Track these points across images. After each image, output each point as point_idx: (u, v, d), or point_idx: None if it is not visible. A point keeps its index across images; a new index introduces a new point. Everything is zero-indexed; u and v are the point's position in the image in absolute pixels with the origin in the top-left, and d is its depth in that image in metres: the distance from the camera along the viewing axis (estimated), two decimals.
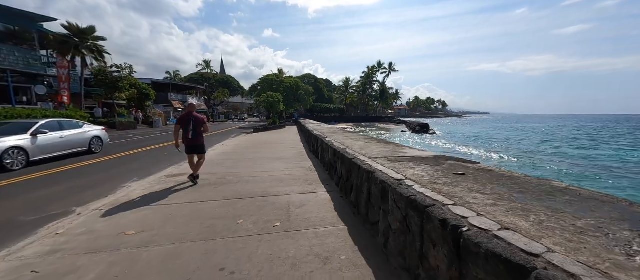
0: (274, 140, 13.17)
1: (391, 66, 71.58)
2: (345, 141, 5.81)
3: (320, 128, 11.45)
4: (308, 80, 60.54)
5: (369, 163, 3.20)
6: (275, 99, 23.95)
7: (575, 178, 11.75)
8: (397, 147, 4.61)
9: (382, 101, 75.19)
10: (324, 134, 7.97)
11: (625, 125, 60.41)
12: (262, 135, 16.26)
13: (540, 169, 13.80)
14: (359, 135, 7.23)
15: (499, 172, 2.61)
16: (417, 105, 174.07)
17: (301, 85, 34.11)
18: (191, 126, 4.61)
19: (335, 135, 7.28)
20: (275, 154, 8.19)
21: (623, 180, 11.37)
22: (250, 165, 6.46)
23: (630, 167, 14.12)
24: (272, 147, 10.19)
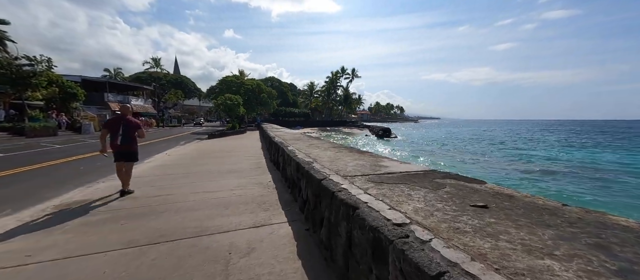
0: (230, 147, 11.60)
1: (354, 72, 73.60)
2: (311, 151, 4.83)
3: (283, 133, 10.32)
4: (272, 83, 58.69)
5: (345, 187, 2.25)
6: (234, 102, 21.96)
7: (524, 179, 12.61)
8: (375, 159, 3.78)
9: (346, 106, 76.69)
10: (286, 140, 6.89)
11: (551, 129, 71.49)
12: (218, 142, 14.42)
13: (499, 170, 14.65)
14: (326, 142, 6.32)
15: (526, 200, 1.88)
16: (378, 110, 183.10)
17: (264, 87, 32.42)
18: (121, 131, 4.16)
19: (299, 143, 6.27)
20: (228, 166, 6.82)
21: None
22: (191, 183, 5.05)
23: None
24: (226, 156, 8.73)
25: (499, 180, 11.98)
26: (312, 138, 7.85)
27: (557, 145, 28.04)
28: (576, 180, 12.27)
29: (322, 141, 6.75)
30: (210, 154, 9.35)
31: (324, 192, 2.44)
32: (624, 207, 8.58)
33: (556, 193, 10.01)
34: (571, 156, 20.18)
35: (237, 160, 7.92)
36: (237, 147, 11.58)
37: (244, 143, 13.79)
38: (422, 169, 3.04)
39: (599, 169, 14.85)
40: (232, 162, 7.58)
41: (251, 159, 8.17)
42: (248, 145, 12.41)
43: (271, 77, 65.72)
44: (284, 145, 5.72)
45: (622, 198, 9.45)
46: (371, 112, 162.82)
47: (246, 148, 11.31)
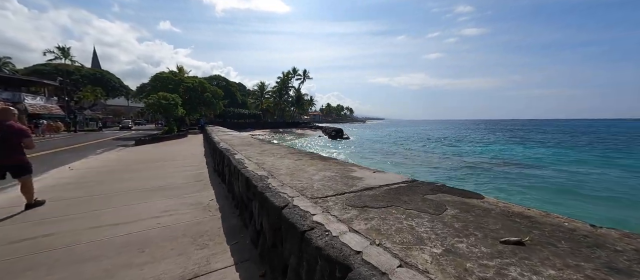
0: (164, 156, 9.69)
1: (305, 73, 73.71)
2: (264, 159, 3.97)
3: (230, 137, 9.02)
4: (218, 82, 54.27)
5: (320, 221, 1.54)
6: (171, 101, 18.98)
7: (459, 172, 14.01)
8: (343, 168, 3.18)
9: (298, 107, 76.26)
10: (233, 146, 5.80)
11: (472, 128, 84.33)
12: (148, 150, 12.05)
13: (448, 167, 15.95)
14: (282, 147, 5.50)
15: (553, 222, 1.47)
16: (329, 111, 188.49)
17: (208, 86, 29.34)
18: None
19: (249, 149, 5.29)
20: (157, 182, 5.38)
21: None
22: (93, 213, 3.63)
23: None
24: (157, 168, 7.07)
25: (450, 176, 12.96)
26: (264, 142, 6.91)
27: (482, 142, 32.80)
28: (503, 173, 14.14)
29: (276, 146, 5.90)
30: (134, 166, 7.49)
31: (287, 228, 1.68)
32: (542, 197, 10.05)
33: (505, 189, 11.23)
34: (494, 150, 23.71)
35: (171, 172, 6.42)
36: (172, 155, 9.73)
37: (182, 149, 11.81)
38: (402, 179, 2.54)
39: (517, 163, 17.57)
40: (164, 175, 6.09)
41: (190, 169, 6.76)
42: (187, 152, 10.61)
43: (217, 76, 60.73)
44: (231, 153, 4.69)
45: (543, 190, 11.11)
46: (323, 113, 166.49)
47: (184, 156, 9.59)
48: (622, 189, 10.70)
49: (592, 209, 8.39)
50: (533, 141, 32.75)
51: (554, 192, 10.28)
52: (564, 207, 8.45)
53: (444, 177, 12.57)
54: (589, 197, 9.52)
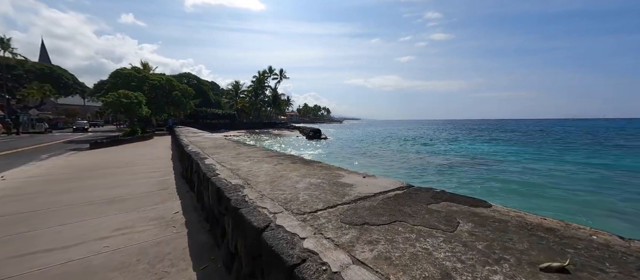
0: (124, 160, 8.65)
1: (282, 73, 72.58)
2: (240, 164, 3.52)
3: (200, 139, 8.28)
4: (188, 80, 51.31)
5: (312, 248, 1.21)
6: (132, 100, 17.26)
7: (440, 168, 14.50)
8: (330, 172, 2.86)
9: (275, 107, 74.87)
10: (204, 149, 5.22)
11: (447, 126, 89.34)
12: (106, 154, 10.76)
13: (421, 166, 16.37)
14: (260, 150, 5.05)
15: (581, 235, 1.29)
16: (307, 111, 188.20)
17: (176, 84, 27.41)
18: None
19: (222, 153, 4.77)
20: (111, 192, 4.63)
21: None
22: (27, 232, 2.92)
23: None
24: (114, 175, 6.19)
25: (436, 174, 13.24)
26: (239, 144, 6.37)
27: (453, 141, 34.63)
28: (474, 169, 14.86)
29: (253, 148, 5.42)
30: (85, 174, 6.51)
31: (270, 259, 1.31)
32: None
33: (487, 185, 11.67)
34: (464, 148, 25.08)
35: (129, 180, 5.63)
36: (134, 160, 8.72)
37: (146, 153, 10.72)
38: (397, 185, 2.29)
39: (488, 159, 18.64)
40: (121, 183, 5.31)
41: (153, 176, 6.00)
42: (152, 156, 9.62)
43: (187, 73, 57.39)
44: (200, 157, 4.15)
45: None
46: (300, 114, 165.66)
47: (148, 160, 8.64)
48: (570, 183, 11.76)
49: (554, 205, 9.04)
50: (499, 140, 35.34)
51: (526, 186, 11.01)
52: (543, 202, 9.01)
53: (430, 176, 12.80)
54: (550, 192, 10.29)
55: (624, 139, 34.52)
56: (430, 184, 10.84)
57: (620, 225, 7.10)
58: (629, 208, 8.27)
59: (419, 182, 11.33)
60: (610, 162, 16.90)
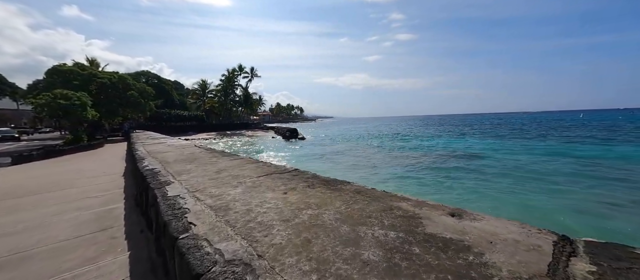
0: (55, 180, 6.58)
1: (253, 71, 69.56)
2: (226, 195, 2.21)
3: (162, 147, 6.57)
4: (147, 78, 46.38)
5: None
6: (73, 100, 14.23)
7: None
8: (392, 209, 1.72)
9: (247, 107, 71.52)
10: (167, 164, 3.75)
11: (416, 122, 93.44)
12: (33, 171, 8.36)
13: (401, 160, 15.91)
14: (248, 163, 3.71)
15: None
16: (280, 111, 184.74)
17: (133, 82, 24.02)
18: None
19: (195, 170, 3.36)
20: (11, 240, 2.97)
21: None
22: None
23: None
24: (29, 207, 4.35)
25: (433, 174, 12.64)
26: (216, 153, 4.92)
27: (427, 136, 35.63)
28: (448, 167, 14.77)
29: (237, 159, 4.05)
30: None
31: None
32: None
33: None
34: (442, 143, 25.62)
35: (53, 213, 3.90)
36: (70, 179, 6.69)
37: (90, 168, 8.56)
38: (531, 238, 1.24)
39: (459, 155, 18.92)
40: (36, 222, 3.59)
41: (91, 205, 4.31)
42: (96, 172, 7.60)
43: (146, 72, 51.91)
44: (160, 180, 2.74)
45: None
46: (273, 113, 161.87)
47: (90, 178, 6.70)
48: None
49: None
50: (467, 134, 37.16)
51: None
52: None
53: (430, 177, 12.05)
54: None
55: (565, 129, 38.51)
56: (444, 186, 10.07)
57: None
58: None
59: (425, 185, 10.67)
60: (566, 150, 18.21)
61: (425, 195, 8.94)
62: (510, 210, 7.78)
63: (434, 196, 9.00)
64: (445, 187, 10.39)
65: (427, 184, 10.90)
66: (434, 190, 10.05)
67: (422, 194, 9.27)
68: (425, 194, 9.29)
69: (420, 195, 9.20)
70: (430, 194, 9.50)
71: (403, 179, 11.71)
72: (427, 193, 9.57)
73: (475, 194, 9.33)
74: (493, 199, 8.79)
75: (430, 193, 9.62)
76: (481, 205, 8.27)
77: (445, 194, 9.47)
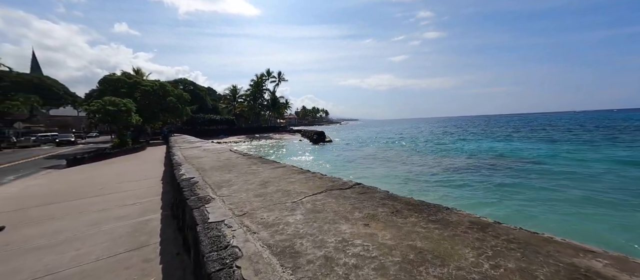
0: (100, 183, 6.72)
1: (280, 75, 70.86)
2: (281, 222, 1.65)
3: (198, 152, 6.39)
4: (184, 86, 49.36)
5: None
6: (120, 107, 15.28)
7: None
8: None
9: (274, 110, 73.03)
10: (204, 173, 3.36)
11: (448, 124, 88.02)
12: (80, 174, 8.81)
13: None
14: (294, 172, 3.17)
15: None
16: (305, 114, 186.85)
17: (171, 89, 25.47)
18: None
19: (235, 181, 2.91)
20: (41, 260, 2.73)
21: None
22: None
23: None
24: (70, 214, 4.27)
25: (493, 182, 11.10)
26: (254, 160, 4.50)
27: (464, 139, 33.01)
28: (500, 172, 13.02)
29: (280, 167, 3.54)
30: (31, 213, 4.60)
31: None
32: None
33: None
34: (483, 147, 23.32)
35: (91, 223, 3.73)
36: (112, 183, 6.80)
37: (132, 171, 8.80)
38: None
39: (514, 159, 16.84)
40: (73, 234, 3.40)
41: (129, 214, 4.10)
42: (137, 175, 7.71)
43: (183, 79, 55.44)
44: (198, 196, 2.29)
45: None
46: (298, 117, 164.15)
47: (131, 182, 6.74)
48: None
49: None
50: (513, 137, 33.66)
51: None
52: None
53: (489, 188, 10.22)
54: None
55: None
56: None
57: None
58: None
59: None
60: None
61: (501, 213, 7.48)
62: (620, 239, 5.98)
63: (512, 217, 7.26)
64: (518, 203, 8.34)
65: (491, 198, 8.96)
66: (509, 208, 7.98)
67: (499, 214, 7.47)
68: (500, 213, 7.58)
69: (498, 216, 7.36)
70: (503, 210, 7.70)
71: (459, 189, 10.06)
72: (500, 211, 7.79)
73: (563, 214, 7.43)
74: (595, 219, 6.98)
75: (502, 210, 7.83)
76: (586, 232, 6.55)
77: (524, 213, 7.71)
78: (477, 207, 7.98)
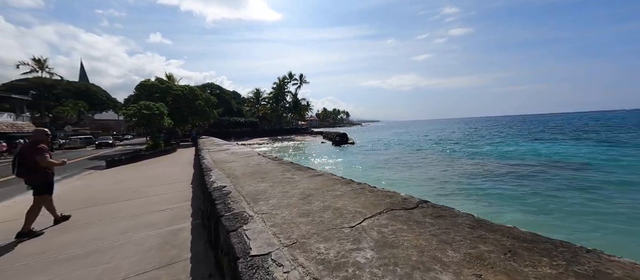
0: (134, 186, 6.84)
1: (302, 78, 71.39)
2: (344, 257, 1.23)
3: (226, 156, 6.25)
4: (211, 90, 51.47)
5: None
6: (154, 111, 16.05)
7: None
8: None
9: (296, 112, 73.68)
10: (236, 180, 3.08)
11: (470, 125, 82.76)
12: (118, 174, 9.17)
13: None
14: (337, 183, 2.77)
15: None
16: (326, 116, 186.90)
17: (200, 93, 26.49)
18: (17, 160, 3.65)
19: (271, 192, 2.57)
20: (81, 271, 2.58)
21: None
22: None
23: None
24: (104, 221, 4.24)
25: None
26: (282, 163, 4.18)
27: (499, 142, 30.58)
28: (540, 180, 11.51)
29: (317, 175, 3.15)
30: (78, 216, 4.67)
31: None
32: None
33: None
34: (521, 150, 21.29)
35: (123, 231, 3.61)
36: (145, 187, 6.89)
37: (164, 173, 8.97)
38: None
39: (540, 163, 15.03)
40: (105, 242, 3.28)
41: (159, 222, 3.95)
42: (168, 179, 7.79)
43: (210, 84, 57.92)
44: (233, 212, 1.96)
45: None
46: (319, 118, 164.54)
47: (163, 185, 6.78)
48: None
49: None
50: (557, 138, 30.54)
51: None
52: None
53: (548, 200, 8.68)
54: None
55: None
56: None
57: None
58: None
59: None
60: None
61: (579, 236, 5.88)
62: None
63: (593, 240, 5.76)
64: (587, 220, 6.79)
65: (556, 211, 7.46)
66: (587, 230, 6.39)
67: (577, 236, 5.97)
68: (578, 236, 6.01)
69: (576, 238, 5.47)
70: (579, 232, 6.21)
71: (517, 201, 8.47)
72: (578, 233, 6.17)
73: None
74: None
75: (578, 231, 6.27)
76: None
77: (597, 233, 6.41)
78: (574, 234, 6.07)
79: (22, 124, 25.66)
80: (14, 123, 24.03)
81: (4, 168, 13.11)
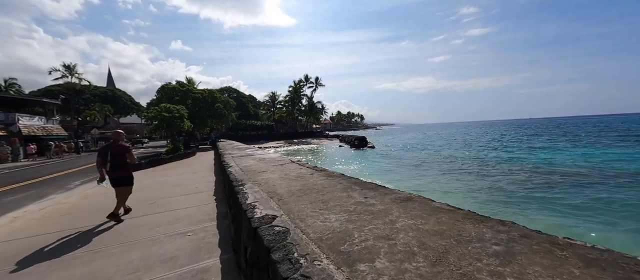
0: (152, 196, 6.12)
1: (317, 81, 70.81)
2: None
3: (254, 162, 5.37)
4: (229, 93, 51.99)
5: None
6: (174, 113, 15.73)
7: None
8: None
9: (312, 115, 73.05)
10: (281, 200, 2.12)
11: (487, 129, 78.47)
12: (137, 181, 8.58)
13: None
14: (438, 211, 1.72)
15: None
16: (340, 119, 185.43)
17: (219, 96, 26.33)
18: (109, 157, 4.25)
19: (357, 237, 1.58)
20: None
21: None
22: None
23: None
24: (113, 242, 3.44)
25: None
26: (332, 176, 3.20)
27: (533, 147, 28.14)
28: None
29: (379, 191, 2.14)
30: (79, 227, 3.91)
31: None
32: None
33: None
34: (566, 156, 19.10)
35: (133, 260, 2.77)
36: (165, 197, 6.14)
37: (183, 180, 8.27)
38: None
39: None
40: (123, 254, 2.42)
41: (177, 255, 3.09)
42: (188, 188, 7.04)
43: (228, 87, 58.73)
44: (296, 266, 0.98)
45: None
46: (334, 122, 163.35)
47: (183, 196, 6.00)
48: None
49: None
50: (608, 143, 27.62)
51: None
52: None
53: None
54: None
55: None
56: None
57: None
58: None
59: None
60: None
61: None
62: None
63: None
64: None
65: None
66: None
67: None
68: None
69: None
70: None
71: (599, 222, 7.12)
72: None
73: None
74: None
75: None
76: None
77: None
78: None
79: (52, 126, 26.63)
80: (44, 126, 24.93)
81: (33, 170, 13.11)
